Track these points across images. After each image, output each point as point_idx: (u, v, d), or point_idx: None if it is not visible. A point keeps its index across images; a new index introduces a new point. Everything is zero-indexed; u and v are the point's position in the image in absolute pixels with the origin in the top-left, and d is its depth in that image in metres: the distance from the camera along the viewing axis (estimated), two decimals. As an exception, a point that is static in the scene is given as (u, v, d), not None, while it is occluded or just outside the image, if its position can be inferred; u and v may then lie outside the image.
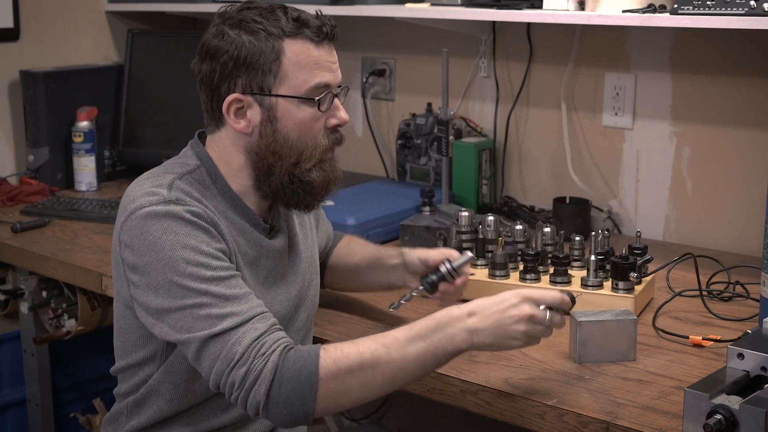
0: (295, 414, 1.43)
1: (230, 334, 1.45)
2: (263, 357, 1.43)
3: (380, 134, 3.06)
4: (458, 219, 2.13)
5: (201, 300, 1.46)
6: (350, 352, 1.44)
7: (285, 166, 1.59)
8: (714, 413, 1.33)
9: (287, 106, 1.57)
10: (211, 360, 1.45)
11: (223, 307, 1.46)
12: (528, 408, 1.55)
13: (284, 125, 1.58)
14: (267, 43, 1.55)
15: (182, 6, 3.12)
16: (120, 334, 1.65)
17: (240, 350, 1.43)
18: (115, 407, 1.71)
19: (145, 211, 1.50)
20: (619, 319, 1.69)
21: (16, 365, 2.79)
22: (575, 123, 2.63)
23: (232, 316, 1.46)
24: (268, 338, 1.46)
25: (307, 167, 1.60)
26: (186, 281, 1.47)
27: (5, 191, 2.85)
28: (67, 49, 3.18)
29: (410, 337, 1.46)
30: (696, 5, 2.01)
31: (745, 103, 2.32)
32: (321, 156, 1.61)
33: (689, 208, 2.45)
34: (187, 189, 1.56)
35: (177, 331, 1.48)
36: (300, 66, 1.56)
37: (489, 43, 2.74)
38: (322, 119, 1.60)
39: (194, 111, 2.92)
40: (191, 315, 1.46)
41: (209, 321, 1.45)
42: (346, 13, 2.63)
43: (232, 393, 1.45)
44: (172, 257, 1.47)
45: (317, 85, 1.58)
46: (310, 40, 1.57)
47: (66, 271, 2.32)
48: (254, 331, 1.45)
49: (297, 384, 1.42)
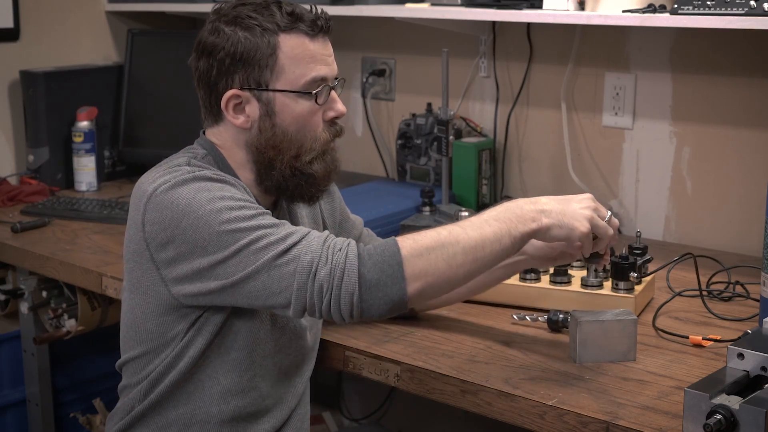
0: (390, 296, 1.45)
1: (297, 248, 1.46)
2: (341, 251, 1.46)
3: (380, 134, 3.06)
4: (458, 219, 2.13)
5: (256, 234, 1.47)
6: (427, 233, 1.50)
7: (286, 160, 1.60)
8: (714, 413, 1.33)
9: (285, 101, 1.58)
10: (287, 279, 1.46)
11: (279, 233, 1.48)
12: (528, 408, 1.55)
13: (282, 119, 1.59)
14: (263, 38, 1.56)
15: (182, 6, 3.12)
16: (133, 325, 1.64)
17: (315, 255, 1.45)
18: (122, 401, 1.69)
19: (170, 184, 1.52)
20: (619, 319, 1.69)
21: (16, 365, 2.79)
22: (575, 123, 2.63)
23: (291, 235, 1.48)
24: (335, 239, 1.49)
25: (308, 159, 1.61)
26: (234, 224, 1.48)
27: (5, 191, 2.85)
28: (67, 49, 3.18)
29: (483, 219, 1.53)
30: (696, 5, 2.01)
31: (745, 103, 2.32)
32: (322, 148, 1.62)
33: (689, 208, 2.45)
34: (204, 165, 1.59)
35: (240, 271, 1.47)
36: (296, 60, 1.58)
37: (489, 43, 2.74)
38: (320, 112, 1.61)
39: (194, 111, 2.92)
40: (250, 251, 1.47)
41: (272, 247, 1.47)
42: (346, 13, 2.63)
43: (322, 299, 1.45)
44: (212, 209, 1.48)
45: (314, 79, 1.59)
46: (306, 34, 1.58)
47: (66, 271, 2.32)
48: (318, 238, 1.48)
49: (384, 265, 1.45)
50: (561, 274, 1.93)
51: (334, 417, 3.09)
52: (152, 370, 1.63)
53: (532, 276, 1.95)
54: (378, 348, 1.77)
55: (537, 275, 1.95)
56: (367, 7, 2.63)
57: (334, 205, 1.85)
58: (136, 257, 1.58)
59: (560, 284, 1.93)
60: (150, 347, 1.63)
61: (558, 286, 1.92)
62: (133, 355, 1.66)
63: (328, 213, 1.83)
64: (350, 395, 3.14)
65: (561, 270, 1.93)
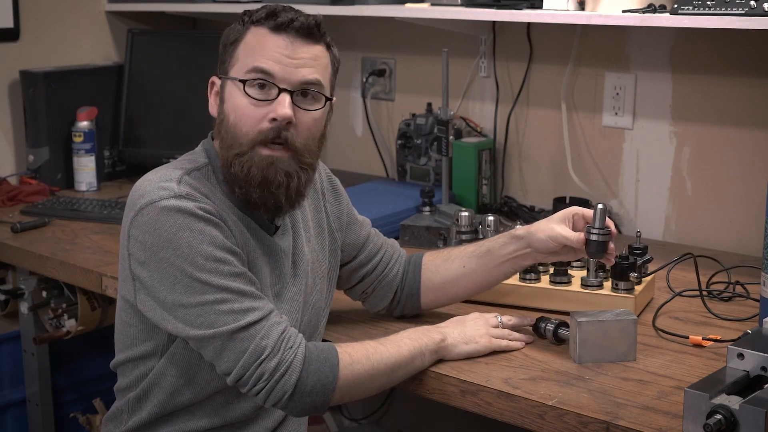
0: (316, 403, 1.52)
1: (256, 328, 1.49)
2: (292, 350, 1.50)
3: (380, 134, 3.06)
4: (458, 219, 2.13)
5: (222, 296, 1.48)
6: (357, 347, 1.59)
7: (224, 152, 1.59)
8: (714, 413, 1.33)
9: (231, 88, 1.59)
10: (236, 354, 1.48)
11: (243, 303, 1.49)
12: (528, 408, 1.55)
13: (227, 107, 1.59)
14: (236, 28, 1.61)
15: (182, 6, 3.12)
16: (121, 327, 1.66)
17: (270, 343, 1.49)
18: (116, 404, 1.71)
19: (158, 207, 1.51)
20: (619, 319, 1.69)
21: (16, 365, 2.79)
22: (575, 123, 2.63)
23: (253, 311, 1.50)
24: (291, 332, 1.52)
25: (234, 153, 1.57)
26: (206, 276, 1.48)
27: (5, 191, 2.85)
28: (67, 49, 3.18)
29: (400, 338, 1.65)
30: (696, 5, 2.01)
31: (745, 103, 2.32)
32: (249, 145, 1.56)
33: (689, 208, 2.45)
34: (196, 185, 1.57)
35: (196, 327, 1.49)
36: (249, 50, 1.58)
37: (489, 43, 2.74)
38: (263, 109, 1.56)
39: (194, 111, 2.94)
40: (213, 310, 1.48)
41: (232, 316, 1.48)
42: (346, 13, 2.63)
43: (257, 384, 1.49)
44: (189, 253, 1.48)
45: (254, 69, 1.56)
46: (269, 29, 1.57)
47: (66, 271, 2.32)
48: (278, 325, 1.51)
49: (321, 374, 1.51)
50: (561, 274, 1.93)
51: (334, 417, 3.09)
52: (140, 378, 1.64)
53: (532, 276, 1.95)
54: (378, 348, 1.77)
55: (537, 275, 1.95)
56: (367, 7, 2.63)
57: (341, 207, 1.83)
58: (122, 260, 1.59)
59: (560, 284, 1.93)
60: (135, 354, 1.64)
61: (558, 286, 1.92)
62: (122, 359, 1.67)
63: (334, 216, 1.82)
64: (350, 395, 3.14)
65: (561, 270, 1.93)
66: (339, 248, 1.82)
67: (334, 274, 1.83)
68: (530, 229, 1.77)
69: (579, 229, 1.75)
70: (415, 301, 1.88)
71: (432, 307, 1.91)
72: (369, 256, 1.86)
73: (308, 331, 1.75)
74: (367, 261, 1.86)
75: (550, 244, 1.74)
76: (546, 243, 1.74)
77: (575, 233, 1.73)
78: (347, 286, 1.88)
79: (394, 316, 1.91)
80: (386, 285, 1.87)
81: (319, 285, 1.77)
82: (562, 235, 1.73)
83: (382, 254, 1.87)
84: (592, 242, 1.71)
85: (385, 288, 1.87)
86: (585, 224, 1.74)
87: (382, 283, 1.87)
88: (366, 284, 1.87)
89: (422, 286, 1.87)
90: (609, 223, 1.73)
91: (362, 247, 1.86)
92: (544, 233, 1.75)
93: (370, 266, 1.86)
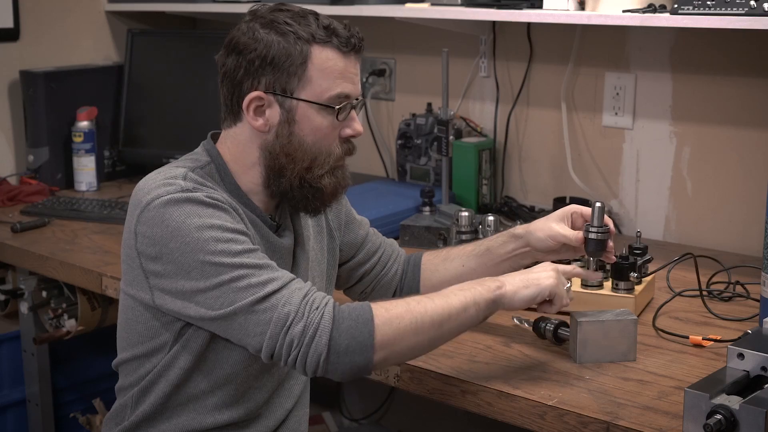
0: (356, 362, 1.46)
1: (276, 297, 1.47)
2: (318, 310, 1.46)
3: (380, 134, 3.06)
4: (458, 219, 2.13)
5: (238, 273, 1.48)
6: (398, 302, 1.52)
7: (297, 170, 1.60)
8: (714, 413, 1.33)
9: (307, 111, 1.58)
10: (262, 326, 1.47)
11: (260, 275, 1.48)
12: (528, 408, 1.55)
13: (301, 129, 1.59)
14: (296, 46, 1.56)
15: (182, 6, 3.12)
16: (126, 326, 1.65)
17: (292, 309, 1.46)
18: (118, 402, 1.70)
19: (164, 200, 1.51)
20: (619, 319, 1.69)
21: (16, 365, 2.79)
22: (575, 123, 2.63)
23: (272, 281, 1.48)
24: (316, 295, 1.49)
25: (320, 173, 1.61)
26: (219, 258, 1.48)
27: (5, 191, 2.85)
28: (67, 49, 3.18)
29: (450, 290, 1.56)
30: (696, 5, 2.01)
31: (745, 103, 2.32)
32: (334, 164, 1.62)
33: (689, 208, 2.45)
34: (201, 180, 1.58)
35: (217, 308, 1.48)
36: (325, 73, 1.57)
37: (489, 43, 2.74)
38: (338, 128, 1.61)
39: (194, 110, 2.94)
40: (230, 288, 1.47)
41: (252, 289, 1.47)
42: (346, 13, 2.63)
43: (290, 353, 1.46)
44: (200, 238, 1.48)
45: (339, 95, 1.59)
46: (338, 50, 1.58)
47: (66, 271, 2.32)
48: (299, 291, 1.49)
49: (356, 331, 1.46)
50: (561, 274, 1.93)
51: (334, 417, 3.09)
52: (144, 375, 1.63)
53: (532, 276, 1.94)
54: (378, 348, 1.77)
55: (537, 275, 1.95)
56: (367, 7, 2.63)
57: (340, 207, 1.84)
58: (129, 261, 1.58)
59: (560, 284, 1.92)
60: (141, 351, 1.63)
61: (558, 286, 1.92)
62: (125, 357, 1.67)
63: (333, 214, 1.82)
64: (350, 395, 3.14)
65: (561, 270, 1.93)
66: (338, 247, 1.83)
67: (333, 273, 1.83)
68: (529, 228, 1.78)
69: (578, 227, 1.75)
70: None
71: None
72: (367, 255, 1.86)
73: None
74: (365, 260, 1.86)
75: (549, 243, 1.75)
76: (545, 242, 1.75)
77: (574, 232, 1.73)
78: (346, 285, 1.88)
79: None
80: (385, 284, 1.87)
81: (318, 284, 1.77)
82: (561, 234, 1.73)
83: (380, 253, 1.88)
84: (591, 240, 1.72)
85: (384, 287, 1.87)
86: (584, 222, 1.74)
87: (381, 283, 1.87)
88: (365, 284, 1.87)
89: (421, 285, 1.87)
90: (607, 220, 1.73)
91: (361, 247, 1.86)
92: (543, 232, 1.75)
93: (369, 265, 1.86)
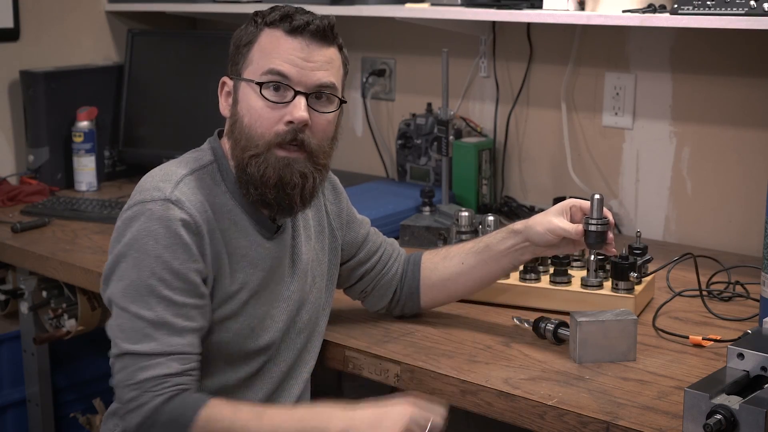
0: None
1: (145, 358, 1.48)
2: (153, 394, 1.47)
3: (380, 134, 3.06)
4: (458, 219, 2.13)
5: (144, 314, 1.49)
6: (226, 416, 1.47)
7: (237, 154, 1.60)
8: (714, 413, 1.33)
9: (246, 90, 1.60)
10: (118, 369, 1.50)
11: (155, 331, 1.49)
12: (528, 408, 1.55)
13: (241, 108, 1.60)
14: (249, 29, 1.61)
15: (182, 6, 3.12)
16: None
17: (142, 377, 1.47)
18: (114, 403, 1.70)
19: (144, 207, 1.53)
20: (619, 319, 1.69)
21: (16, 365, 2.79)
22: (575, 123, 2.63)
23: (157, 342, 1.49)
24: (172, 380, 1.48)
25: (249, 155, 1.58)
26: (141, 290, 1.50)
27: (5, 191, 2.85)
28: (67, 49, 3.18)
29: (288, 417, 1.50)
30: (696, 5, 2.01)
31: (745, 103, 2.32)
32: (265, 147, 1.58)
33: (689, 208, 2.45)
34: (194, 189, 1.58)
35: (113, 326, 1.53)
36: (265, 52, 1.59)
37: (489, 43, 2.74)
38: (279, 111, 1.58)
39: (194, 110, 2.94)
40: (129, 320, 1.50)
41: (137, 336, 1.49)
42: (346, 13, 2.63)
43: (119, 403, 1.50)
44: (142, 262, 1.51)
45: (270, 71, 1.58)
46: (284, 31, 1.58)
47: (66, 271, 2.32)
48: (165, 368, 1.48)
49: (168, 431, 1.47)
50: (561, 275, 1.93)
51: (334, 417, 3.09)
52: None
53: (532, 276, 1.95)
54: (378, 348, 1.77)
55: (537, 275, 1.95)
56: (367, 7, 2.63)
57: (341, 206, 1.84)
58: None
59: (560, 284, 1.93)
60: None
61: (558, 286, 1.92)
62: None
63: (334, 214, 1.82)
64: (350, 395, 3.14)
65: (561, 270, 1.93)
66: (339, 247, 1.83)
67: (335, 273, 1.83)
68: (528, 223, 1.77)
69: (577, 220, 1.75)
70: (414, 300, 1.88)
71: (432, 306, 1.90)
72: (368, 254, 1.86)
73: (308, 330, 1.75)
74: (366, 259, 1.86)
75: (549, 237, 1.74)
76: (545, 236, 1.75)
77: (573, 225, 1.73)
78: (346, 284, 1.88)
79: (393, 316, 1.91)
80: (385, 284, 1.87)
81: (319, 283, 1.77)
82: (561, 227, 1.73)
83: (381, 253, 1.87)
84: (590, 233, 1.72)
85: (384, 287, 1.87)
86: (583, 215, 1.75)
87: (381, 282, 1.87)
88: (365, 283, 1.87)
89: (421, 284, 1.87)
90: (606, 212, 1.74)
91: (361, 246, 1.86)
92: (542, 226, 1.75)
93: (369, 265, 1.86)
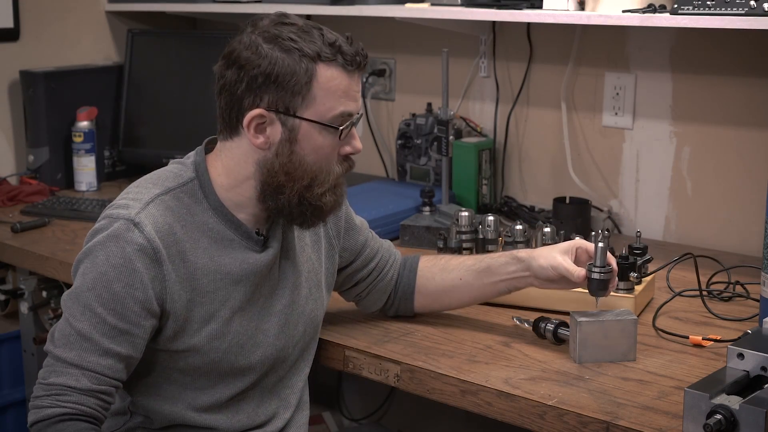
0: None
1: (61, 364, 1.50)
2: (53, 401, 1.48)
3: (380, 134, 3.06)
4: (458, 219, 2.13)
5: (74, 323, 1.51)
6: None
7: (296, 188, 1.57)
8: (714, 413, 1.33)
9: (309, 130, 1.55)
10: (43, 365, 1.53)
11: (80, 342, 1.50)
12: (528, 408, 1.55)
13: (302, 148, 1.56)
14: (300, 64, 1.52)
15: (182, 6, 3.12)
16: None
17: (52, 381, 1.50)
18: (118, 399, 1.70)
19: (108, 223, 1.54)
20: (619, 319, 1.69)
21: (16, 365, 2.79)
22: (575, 123, 2.63)
23: (76, 353, 1.50)
24: (75, 396, 1.49)
25: (320, 192, 1.59)
26: (81, 299, 1.51)
27: (5, 191, 2.85)
28: (67, 49, 3.18)
29: None
30: (696, 5, 2.01)
31: (745, 103, 2.32)
32: (334, 182, 1.60)
33: (689, 208, 2.45)
34: (164, 211, 1.56)
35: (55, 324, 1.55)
36: (329, 93, 1.54)
37: (489, 43, 2.74)
38: (338, 146, 1.59)
39: (194, 111, 2.94)
40: (64, 323, 1.53)
41: (63, 341, 1.51)
42: (346, 13, 2.63)
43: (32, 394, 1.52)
44: (89, 274, 1.52)
45: (342, 114, 1.56)
46: (343, 68, 1.55)
47: (66, 271, 2.32)
48: (73, 380, 1.49)
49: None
50: (561, 274, 1.93)
51: (334, 417, 3.09)
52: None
53: (532, 276, 1.94)
54: (378, 348, 1.77)
55: (537, 275, 1.95)
56: (367, 7, 2.63)
57: (339, 213, 1.80)
58: None
59: (560, 284, 1.92)
60: None
61: (558, 286, 1.92)
62: None
63: (332, 222, 1.79)
64: (350, 395, 3.14)
65: (561, 270, 1.93)
66: (337, 254, 1.81)
67: (331, 281, 1.82)
68: (533, 254, 1.77)
69: (582, 262, 1.74)
70: (408, 304, 1.88)
71: (425, 311, 1.91)
72: (365, 261, 1.85)
73: (303, 342, 1.74)
74: (362, 266, 1.85)
75: (550, 272, 1.74)
76: (546, 270, 1.74)
77: (577, 268, 1.72)
78: (342, 288, 1.88)
79: (388, 316, 1.91)
80: (381, 289, 1.87)
81: (315, 294, 1.75)
82: (564, 267, 1.72)
83: (378, 259, 1.86)
84: (593, 280, 1.72)
85: (379, 291, 1.87)
86: (588, 259, 1.74)
87: (376, 288, 1.86)
88: (360, 287, 1.86)
89: (416, 291, 1.87)
90: (611, 260, 1.73)
91: (359, 253, 1.85)
92: (546, 260, 1.74)
93: (366, 271, 1.85)
